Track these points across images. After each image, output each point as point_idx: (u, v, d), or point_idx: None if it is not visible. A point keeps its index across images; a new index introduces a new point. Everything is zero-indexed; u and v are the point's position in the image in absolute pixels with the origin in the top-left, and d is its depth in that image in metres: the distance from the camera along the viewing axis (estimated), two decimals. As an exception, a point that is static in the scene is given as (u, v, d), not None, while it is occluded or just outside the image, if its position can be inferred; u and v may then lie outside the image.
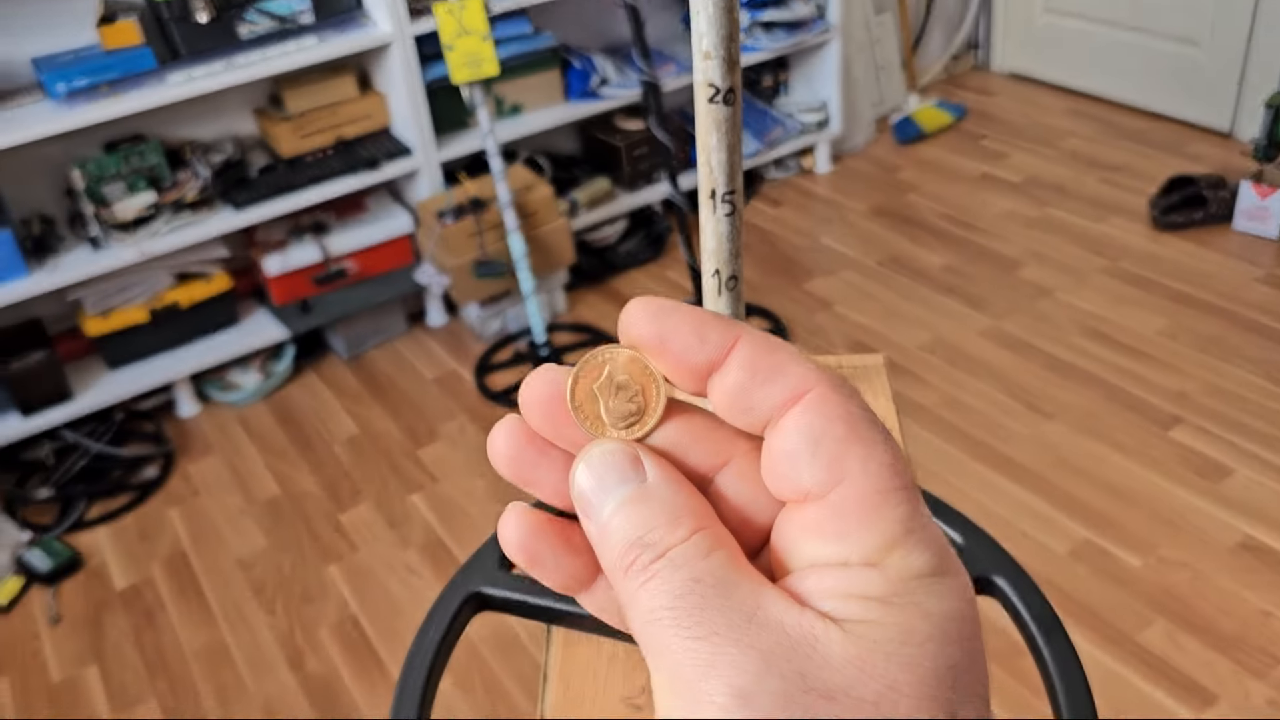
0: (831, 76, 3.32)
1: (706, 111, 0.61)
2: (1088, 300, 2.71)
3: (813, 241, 3.10)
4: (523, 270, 2.55)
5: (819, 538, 0.26)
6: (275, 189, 2.53)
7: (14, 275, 2.32)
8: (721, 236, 0.65)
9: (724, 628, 0.24)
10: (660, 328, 0.27)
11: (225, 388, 2.68)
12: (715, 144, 0.61)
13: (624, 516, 0.27)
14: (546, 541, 0.28)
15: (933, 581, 0.25)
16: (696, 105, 0.62)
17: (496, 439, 0.30)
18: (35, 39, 2.40)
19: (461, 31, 2.33)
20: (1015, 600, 0.70)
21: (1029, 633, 0.68)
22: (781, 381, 0.27)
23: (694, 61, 0.60)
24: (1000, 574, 0.70)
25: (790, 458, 0.26)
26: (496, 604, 0.67)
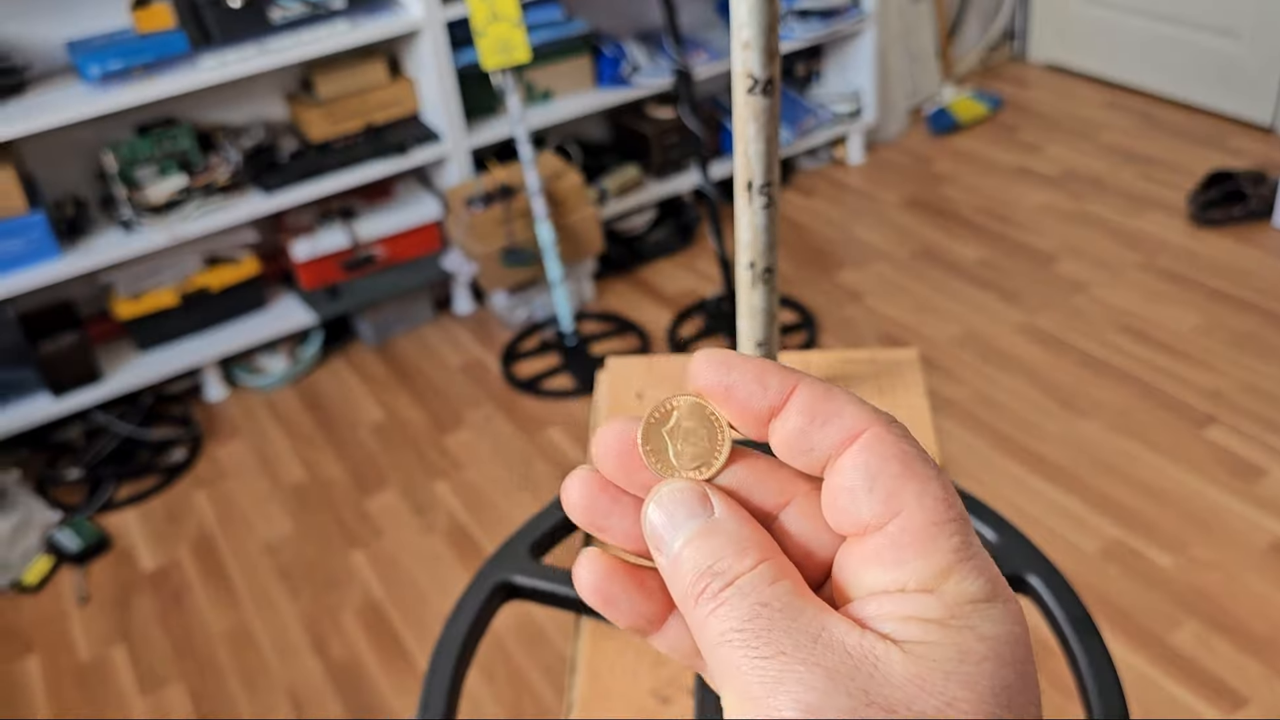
0: (866, 66, 3.28)
1: (745, 102, 0.59)
2: (1123, 296, 2.66)
3: (844, 233, 3.07)
4: (551, 258, 2.54)
5: (878, 566, 0.27)
6: (305, 174, 2.53)
7: (47, 257, 2.34)
8: (758, 228, 0.64)
9: (791, 648, 0.26)
10: (725, 377, 0.30)
11: (253, 372, 2.69)
12: (753, 135, 0.60)
13: (694, 548, 0.28)
14: (620, 583, 0.30)
15: (987, 606, 0.27)
16: (735, 96, 0.60)
17: (571, 489, 0.31)
18: (70, 22, 2.41)
19: (493, 17, 2.32)
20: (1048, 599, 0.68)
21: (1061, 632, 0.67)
22: (838, 424, 0.29)
23: (733, 51, 0.59)
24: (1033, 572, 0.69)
25: (849, 493, 0.28)
26: (526, 593, 0.67)
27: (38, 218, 2.31)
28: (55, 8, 2.39)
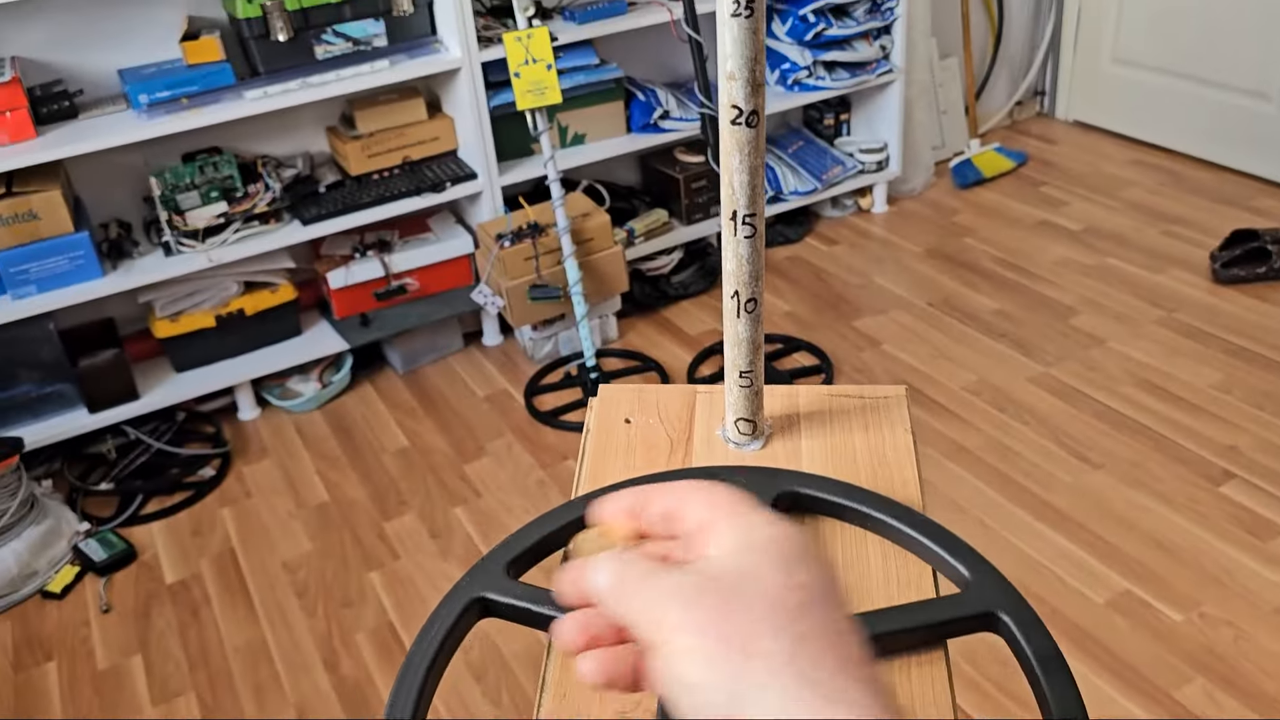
0: (893, 118, 3.34)
1: (730, 133, 0.64)
2: (1141, 350, 2.68)
3: (865, 280, 3.11)
4: (576, 295, 2.59)
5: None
6: (342, 206, 2.61)
7: (90, 276, 2.43)
8: (741, 258, 0.68)
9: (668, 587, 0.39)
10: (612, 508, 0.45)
11: (284, 395, 2.76)
12: (737, 165, 0.65)
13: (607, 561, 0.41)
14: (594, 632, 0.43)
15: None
16: (720, 126, 0.65)
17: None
18: (122, 51, 2.52)
19: (528, 59, 2.40)
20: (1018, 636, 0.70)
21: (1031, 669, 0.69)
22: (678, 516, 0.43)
23: (719, 82, 0.64)
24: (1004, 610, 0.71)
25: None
26: (501, 611, 0.69)
27: (83, 237, 2.40)
28: (109, 38, 2.50)
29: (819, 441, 0.77)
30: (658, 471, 0.74)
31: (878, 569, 0.68)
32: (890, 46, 3.22)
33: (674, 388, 0.83)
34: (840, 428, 0.78)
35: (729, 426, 0.77)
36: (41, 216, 2.35)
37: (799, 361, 2.76)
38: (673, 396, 0.83)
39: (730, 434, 0.77)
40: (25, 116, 2.30)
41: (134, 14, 2.50)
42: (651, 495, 0.44)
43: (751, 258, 0.68)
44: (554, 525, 0.68)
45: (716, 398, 0.82)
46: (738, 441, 0.77)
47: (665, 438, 0.79)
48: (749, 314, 0.71)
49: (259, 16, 2.40)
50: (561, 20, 2.77)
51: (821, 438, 0.78)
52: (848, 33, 3.09)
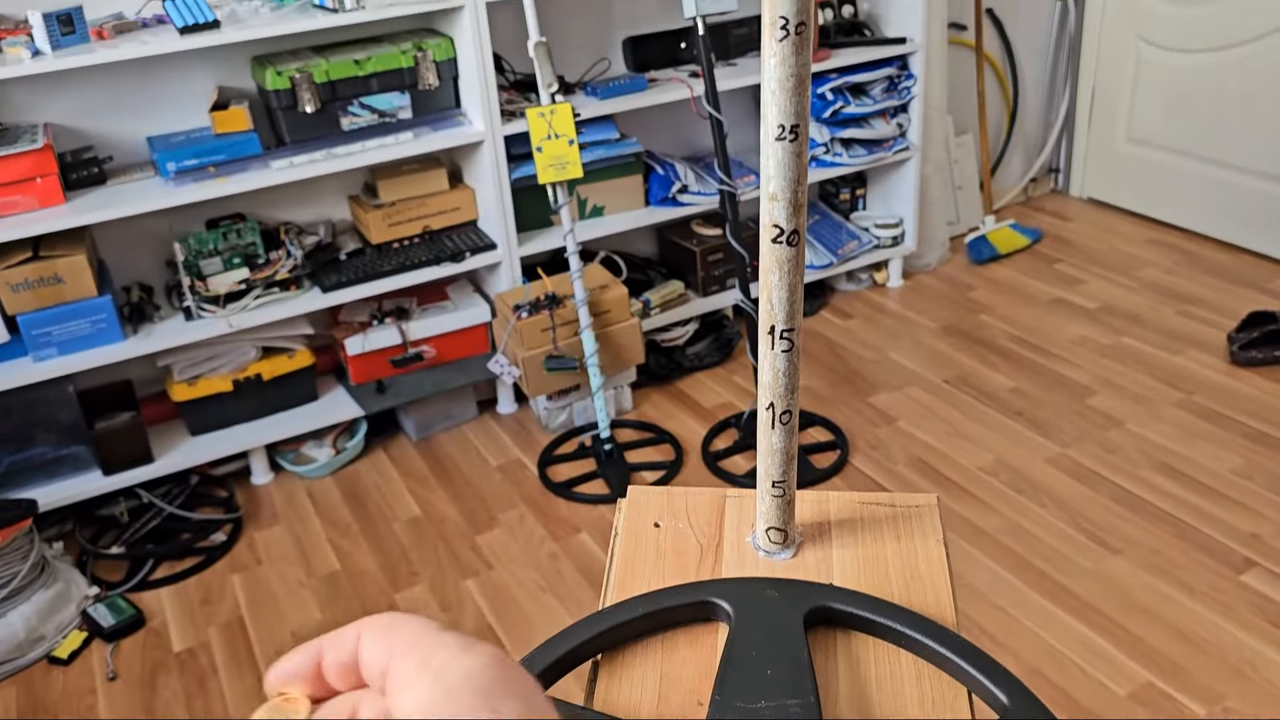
0: (909, 194, 3.37)
1: (770, 251, 0.64)
2: (1160, 433, 2.66)
3: (880, 355, 3.11)
4: (592, 367, 2.60)
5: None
6: (362, 274, 2.64)
7: (111, 340, 2.44)
8: (778, 371, 0.68)
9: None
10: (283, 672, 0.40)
11: (298, 460, 2.75)
12: (776, 282, 0.65)
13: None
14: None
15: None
16: (761, 244, 0.66)
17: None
18: (152, 119, 2.56)
19: (551, 135, 2.43)
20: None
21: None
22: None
23: (761, 202, 0.64)
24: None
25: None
26: None
27: (105, 301, 2.42)
28: (140, 106, 2.54)
29: (850, 551, 0.77)
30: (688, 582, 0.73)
31: (912, 688, 0.67)
32: (907, 124, 3.26)
33: (703, 491, 0.83)
34: (871, 537, 0.78)
35: (759, 534, 0.77)
36: (66, 280, 2.37)
37: (814, 437, 2.75)
38: (702, 500, 0.82)
39: (761, 542, 0.77)
40: (55, 182, 2.33)
41: (166, 84, 2.54)
42: (324, 647, 0.39)
43: (788, 371, 0.68)
44: (580, 638, 0.67)
45: (746, 502, 0.81)
46: (768, 550, 0.76)
47: (695, 543, 0.78)
48: (784, 425, 0.71)
49: (288, 88, 2.45)
50: (584, 95, 2.82)
51: (853, 547, 0.77)
52: (865, 111, 3.13)
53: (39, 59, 2.20)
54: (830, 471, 2.60)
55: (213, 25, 2.32)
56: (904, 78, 3.19)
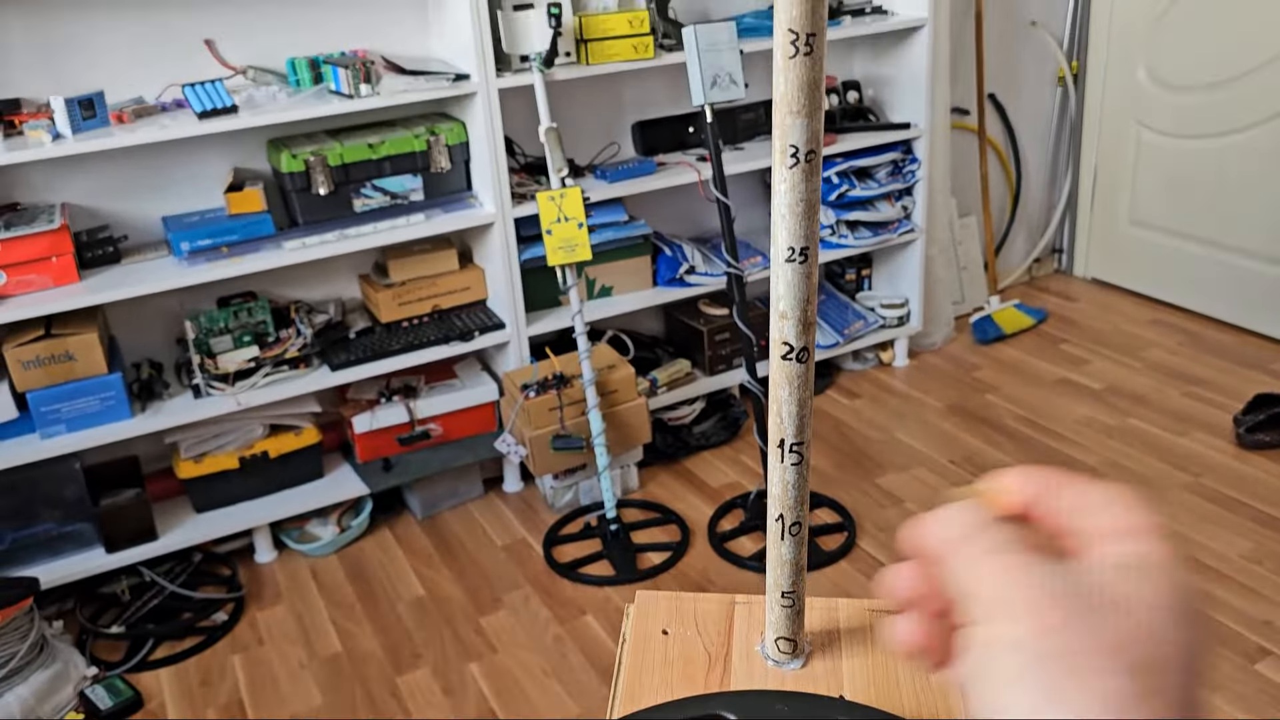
0: (914, 275, 3.40)
1: (780, 368, 0.65)
2: (1169, 516, 2.65)
3: (887, 435, 3.11)
4: (599, 446, 2.60)
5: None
6: (371, 353, 2.65)
7: (119, 417, 2.45)
8: (788, 484, 0.69)
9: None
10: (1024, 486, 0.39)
11: (302, 538, 2.74)
12: (786, 397, 0.66)
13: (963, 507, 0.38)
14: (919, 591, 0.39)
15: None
16: (771, 359, 0.66)
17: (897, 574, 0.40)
18: (168, 199, 2.60)
19: (560, 218, 2.47)
20: None
21: None
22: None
23: (771, 319, 0.65)
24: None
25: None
26: None
27: (115, 378, 2.43)
28: (157, 187, 2.59)
29: (860, 661, 0.76)
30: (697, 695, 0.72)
31: (924, 807, 0.66)
32: (912, 207, 3.30)
33: (712, 597, 0.83)
34: (882, 645, 0.77)
35: (769, 644, 0.76)
36: (77, 358, 2.39)
37: (821, 519, 2.73)
38: (710, 606, 0.82)
39: (770, 651, 0.76)
40: (70, 262, 2.37)
41: (183, 165, 2.59)
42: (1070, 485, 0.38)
43: (798, 484, 0.69)
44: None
45: (755, 608, 0.81)
46: (778, 660, 0.76)
47: (703, 651, 0.78)
48: (793, 537, 0.71)
49: (302, 171, 2.49)
50: (594, 178, 2.86)
51: (863, 656, 0.76)
52: (870, 194, 3.17)
53: (59, 142, 2.25)
54: (838, 554, 2.58)
55: (230, 110, 2.37)
56: (908, 162, 3.24)
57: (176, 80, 2.50)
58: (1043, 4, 3.79)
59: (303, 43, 2.62)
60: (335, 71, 2.49)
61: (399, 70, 2.57)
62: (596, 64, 2.67)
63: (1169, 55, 3.60)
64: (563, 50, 2.64)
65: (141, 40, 2.48)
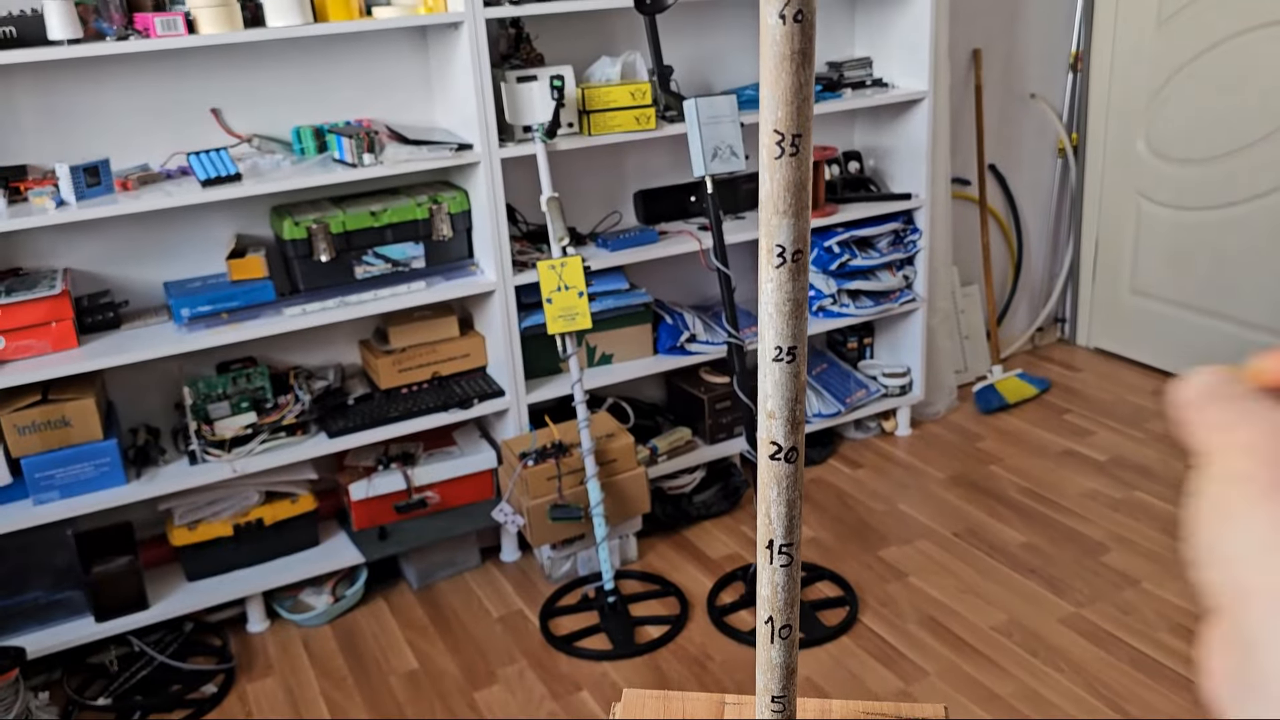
0: (916, 344, 3.39)
1: (768, 467, 0.63)
2: (1177, 593, 2.60)
3: (889, 506, 3.07)
4: (597, 517, 2.57)
5: None
6: (369, 420, 2.64)
7: (113, 484, 2.43)
8: (777, 586, 0.66)
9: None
10: None
11: (296, 608, 2.70)
12: (775, 497, 0.64)
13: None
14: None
15: None
16: (759, 458, 0.65)
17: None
18: (170, 264, 2.61)
19: (561, 286, 2.47)
20: None
21: None
22: None
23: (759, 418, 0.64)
24: None
25: None
26: None
27: (110, 445, 2.42)
28: (159, 253, 2.60)
29: (854, 767, 0.73)
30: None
31: None
32: (913, 276, 3.30)
33: (701, 697, 0.80)
34: None
35: (759, 749, 0.73)
36: (73, 423, 2.38)
37: (823, 592, 2.69)
38: (699, 707, 0.79)
39: (761, 756, 0.73)
40: (69, 327, 2.37)
41: (185, 231, 2.60)
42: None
43: (787, 585, 0.66)
44: None
45: (746, 709, 0.79)
46: (768, 765, 0.73)
47: (692, 755, 0.75)
48: (783, 640, 0.68)
49: (304, 238, 2.50)
50: (595, 246, 2.87)
51: (857, 762, 0.74)
52: (872, 263, 3.17)
53: (63, 209, 2.26)
54: (839, 630, 2.53)
55: (234, 178, 2.38)
56: (910, 232, 3.25)
57: (182, 148, 2.52)
58: (1042, 77, 3.83)
59: (308, 111, 2.65)
60: (340, 140, 2.51)
61: (402, 140, 2.59)
62: (599, 134, 2.69)
63: (1168, 128, 3.62)
64: (565, 121, 2.66)
65: (149, 108, 2.51)
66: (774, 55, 0.53)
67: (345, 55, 2.66)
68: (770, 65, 0.53)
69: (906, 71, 3.19)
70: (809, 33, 0.53)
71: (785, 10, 0.52)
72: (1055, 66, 3.85)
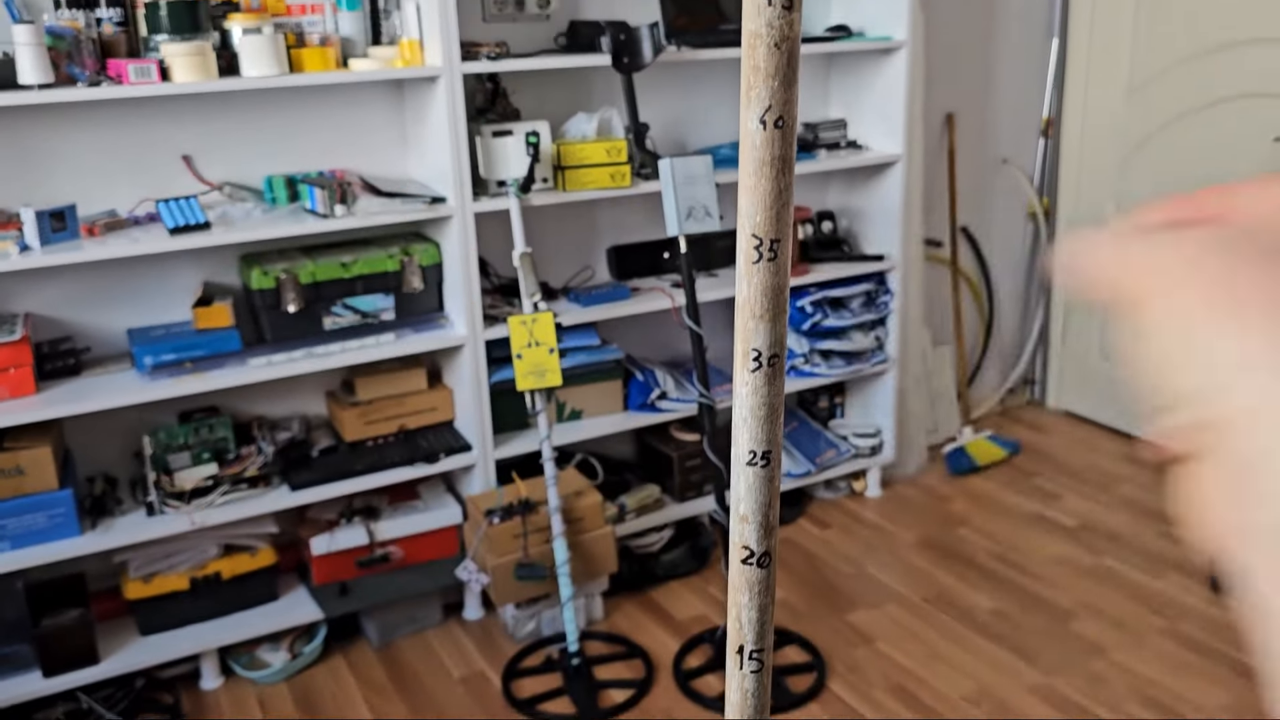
0: (887, 405, 3.39)
1: (739, 572, 0.61)
2: (1145, 663, 2.59)
3: (858, 570, 3.05)
4: (563, 576, 2.53)
5: None
6: (333, 472, 2.59)
7: (67, 535, 2.37)
8: (747, 692, 0.64)
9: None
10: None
11: (252, 664, 2.63)
12: (746, 602, 0.62)
13: None
14: None
15: None
16: (730, 562, 0.63)
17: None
18: (135, 311, 2.57)
19: (531, 342, 2.45)
20: None
21: None
22: None
23: (731, 522, 0.62)
24: None
25: None
26: None
27: (65, 495, 2.36)
28: (123, 299, 2.55)
29: None
30: None
31: None
32: (885, 337, 3.31)
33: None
34: None
35: None
36: (28, 472, 2.32)
37: (790, 658, 2.65)
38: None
39: None
40: (28, 374, 2.31)
41: (151, 278, 2.56)
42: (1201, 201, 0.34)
43: (757, 693, 0.64)
44: None
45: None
46: None
47: None
48: (752, 749, 0.66)
49: (272, 288, 2.47)
50: (567, 301, 2.86)
51: None
52: (844, 324, 3.18)
53: (26, 254, 2.22)
54: (807, 696, 2.50)
55: (203, 227, 2.35)
56: (882, 293, 3.26)
57: (152, 194, 2.49)
58: (1014, 142, 3.88)
59: (281, 161, 2.63)
60: (312, 191, 2.49)
61: (375, 191, 2.57)
62: (573, 190, 2.69)
63: (1138, 195, 3.68)
64: (540, 176, 2.66)
65: (119, 154, 2.48)
66: (753, 160, 0.52)
67: (320, 106, 2.65)
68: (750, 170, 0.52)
69: (881, 134, 3.22)
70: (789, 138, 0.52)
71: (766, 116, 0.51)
72: (1027, 132, 3.91)
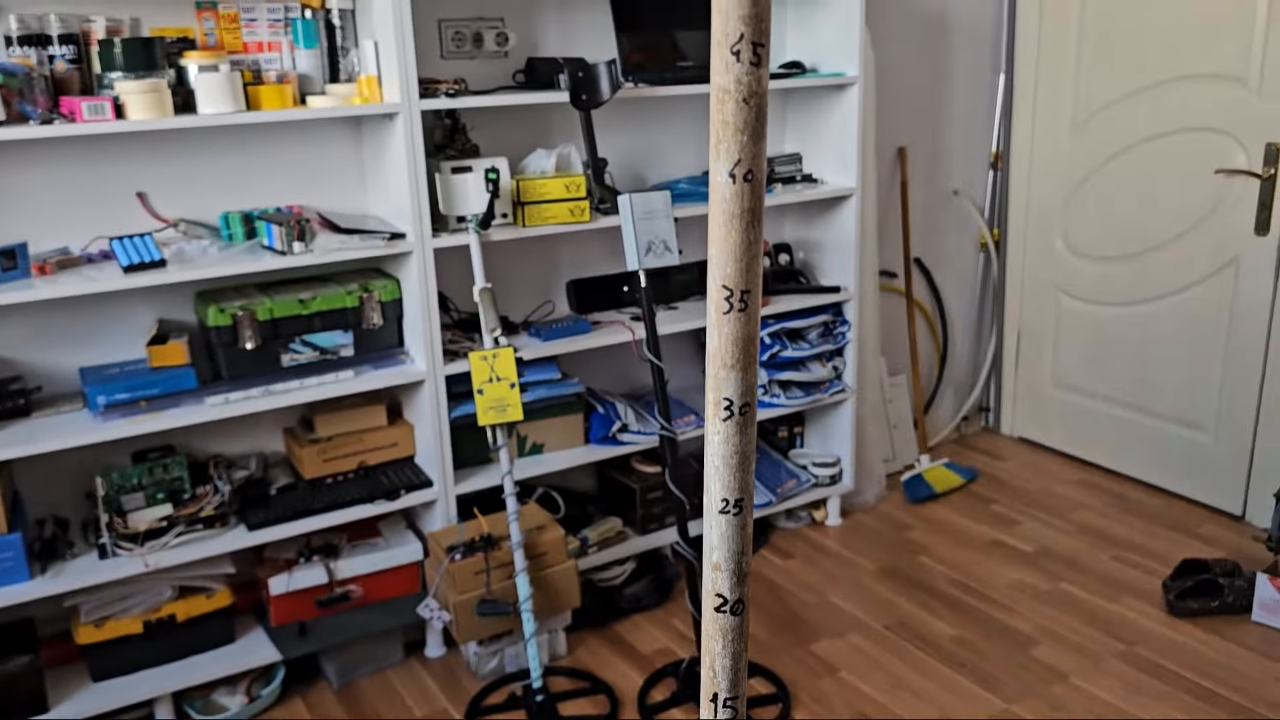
0: (845, 434, 3.42)
1: (713, 619, 0.62)
2: (1104, 688, 2.62)
3: (821, 599, 3.06)
4: (526, 612, 2.51)
5: None
6: (292, 511, 2.56)
7: (15, 580, 2.31)
8: (721, 741, 0.64)
9: None
10: None
11: (207, 708, 2.58)
12: (720, 650, 0.62)
13: None
14: None
15: None
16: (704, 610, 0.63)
17: None
18: (88, 349, 2.52)
19: (492, 378, 2.44)
20: None
21: None
22: None
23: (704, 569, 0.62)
24: None
25: None
26: None
27: (14, 539, 2.30)
28: (76, 337, 2.51)
29: None
30: None
31: None
32: (842, 367, 3.34)
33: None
34: None
35: None
36: (-25, 517, 2.26)
37: (755, 689, 2.65)
38: None
39: None
40: (-24, 415, 2.26)
41: (105, 316, 2.53)
42: None
43: (731, 738, 0.64)
44: None
45: None
46: None
47: None
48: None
49: (229, 325, 2.44)
50: (527, 336, 2.85)
51: None
52: (802, 354, 3.20)
53: (-25, 294, 2.18)
54: (771, 728, 2.50)
55: (158, 264, 2.33)
56: (839, 324, 3.30)
57: (106, 231, 2.46)
58: (964, 175, 3.95)
59: (239, 197, 2.61)
60: (269, 228, 2.47)
61: (334, 228, 2.56)
62: (533, 225, 2.69)
63: (1084, 227, 3.76)
64: (499, 212, 2.66)
65: (71, 191, 2.45)
66: (723, 213, 0.53)
67: (278, 143, 2.63)
68: (720, 222, 0.53)
69: (835, 168, 3.26)
70: (758, 191, 0.53)
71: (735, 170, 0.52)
72: (977, 165, 3.98)
